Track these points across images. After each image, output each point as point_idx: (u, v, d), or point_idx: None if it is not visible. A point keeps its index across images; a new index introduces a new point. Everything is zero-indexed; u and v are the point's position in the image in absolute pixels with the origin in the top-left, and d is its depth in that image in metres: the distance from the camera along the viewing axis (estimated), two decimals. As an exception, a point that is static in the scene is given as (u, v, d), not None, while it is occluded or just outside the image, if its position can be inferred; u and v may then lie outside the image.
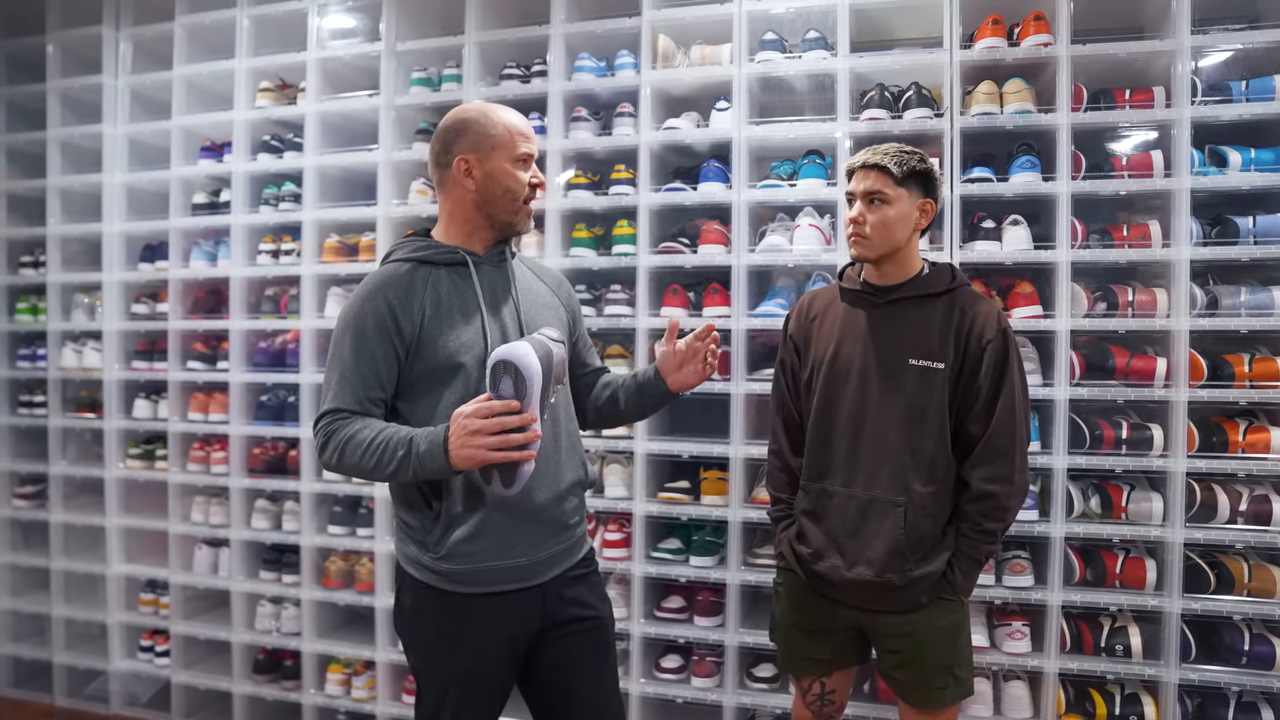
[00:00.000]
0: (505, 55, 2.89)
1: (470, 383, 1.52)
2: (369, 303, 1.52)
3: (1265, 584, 2.24)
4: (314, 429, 1.53)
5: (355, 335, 1.51)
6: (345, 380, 1.50)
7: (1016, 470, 1.76)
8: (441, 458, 1.41)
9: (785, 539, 1.94)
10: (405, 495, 1.58)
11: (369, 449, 1.45)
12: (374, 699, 2.87)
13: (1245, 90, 2.33)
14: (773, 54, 2.60)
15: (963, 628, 1.86)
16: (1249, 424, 2.31)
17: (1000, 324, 1.79)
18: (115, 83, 3.25)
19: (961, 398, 1.78)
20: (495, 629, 1.56)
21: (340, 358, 1.52)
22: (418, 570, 1.56)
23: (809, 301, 1.99)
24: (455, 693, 1.54)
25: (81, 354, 3.28)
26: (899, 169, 1.78)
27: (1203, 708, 2.31)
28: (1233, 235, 2.31)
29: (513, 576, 1.56)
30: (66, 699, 3.29)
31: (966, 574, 1.79)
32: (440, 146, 1.59)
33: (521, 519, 1.56)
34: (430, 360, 1.52)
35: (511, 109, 1.63)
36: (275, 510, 3.05)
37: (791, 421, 1.97)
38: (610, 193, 2.71)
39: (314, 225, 2.98)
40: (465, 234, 1.62)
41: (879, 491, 1.78)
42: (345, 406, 1.50)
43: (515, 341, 1.43)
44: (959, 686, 1.83)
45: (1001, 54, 2.42)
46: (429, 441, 1.42)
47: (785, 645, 1.98)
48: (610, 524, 2.68)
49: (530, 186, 1.60)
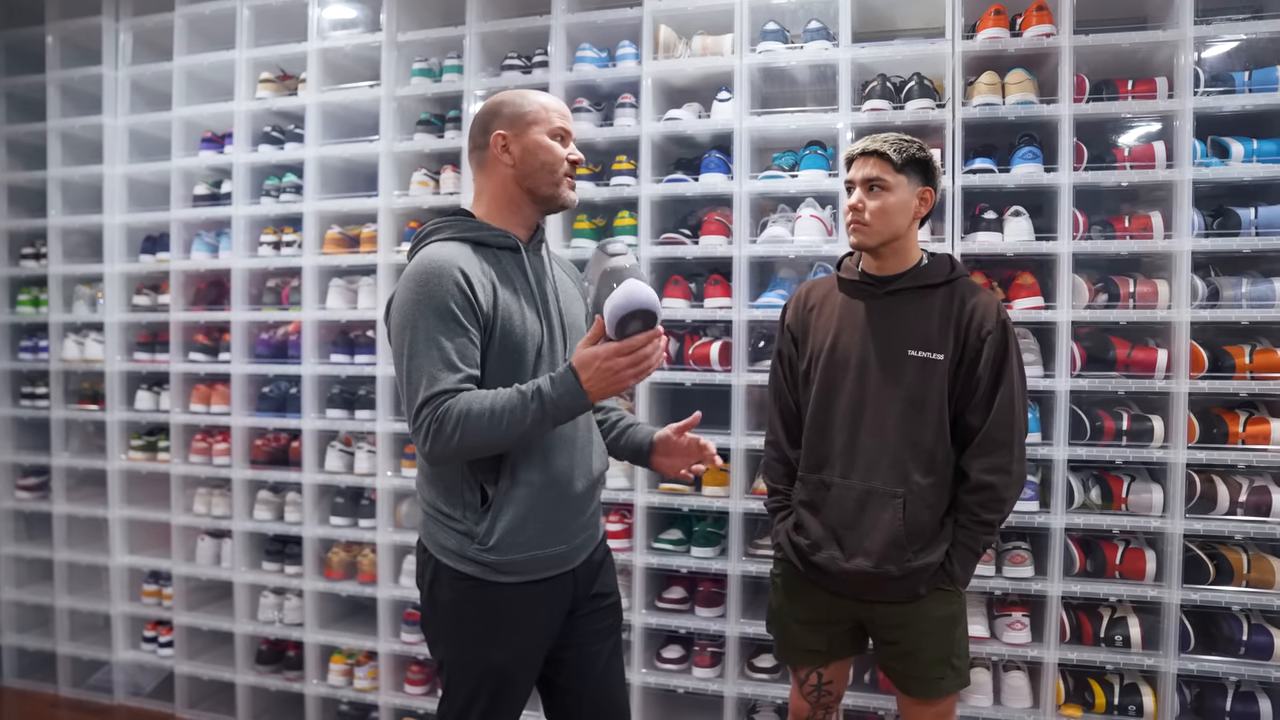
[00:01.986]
0: (506, 46, 2.88)
1: (529, 371, 1.51)
2: (444, 279, 1.43)
3: (1264, 575, 2.25)
4: (416, 421, 1.42)
5: (438, 313, 1.42)
6: (443, 362, 1.42)
7: (1015, 461, 1.76)
8: (580, 396, 1.40)
9: (783, 530, 1.94)
10: (447, 485, 1.55)
11: (496, 416, 1.39)
12: (376, 689, 2.89)
13: (1248, 81, 2.33)
14: (774, 44, 2.60)
15: (960, 618, 1.86)
16: (1249, 415, 2.31)
17: (1000, 315, 1.79)
18: (115, 74, 3.24)
19: (961, 389, 1.78)
20: (536, 617, 1.57)
21: (429, 339, 1.42)
22: (458, 562, 1.54)
23: (806, 292, 1.99)
24: (492, 684, 1.54)
25: (83, 346, 3.29)
26: (899, 156, 1.78)
27: (1201, 698, 2.32)
28: (1234, 227, 2.30)
29: (553, 564, 1.57)
30: (71, 689, 3.31)
31: (964, 565, 1.80)
32: (478, 128, 1.59)
33: (563, 506, 1.57)
34: (499, 344, 1.49)
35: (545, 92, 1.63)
36: (278, 501, 3.06)
37: (789, 412, 1.97)
38: (612, 184, 2.71)
39: (315, 216, 2.98)
40: (508, 214, 1.59)
41: (878, 482, 1.79)
42: (449, 388, 1.41)
43: (624, 287, 1.37)
44: (957, 677, 1.84)
45: (1004, 44, 2.42)
46: (561, 387, 1.40)
47: (782, 636, 1.99)
48: (612, 515, 2.68)
49: (569, 162, 1.59)
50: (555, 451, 1.54)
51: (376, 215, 2.91)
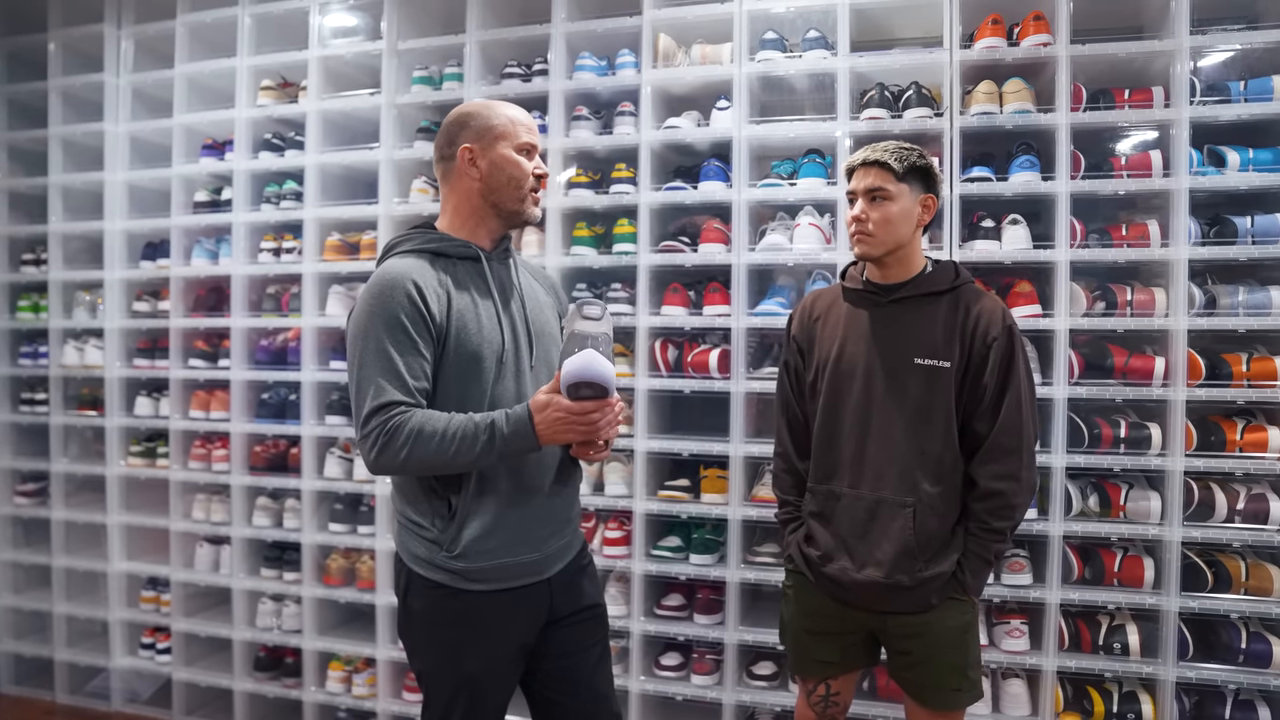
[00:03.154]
0: (506, 54, 2.89)
1: (489, 377, 1.53)
2: (397, 291, 1.46)
3: (1262, 582, 2.25)
4: (364, 429, 1.44)
5: (389, 325, 1.45)
6: (391, 372, 1.44)
7: (1024, 468, 1.75)
8: (531, 438, 1.43)
9: (793, 541, 1.93)
10: (413, 493, 1.57)
11: (446, 438, 1.42)
12: (375, 696, 2.88)
13: (1244, 90, 2.34)
14: (773, 53, 2.61)
15: (973, 628, 1.84)
16: (1247, 423, 2.32)
17: (1005, 321, 1.78)
18: (117, 80, 3.26)
19: (968, 396, 1.77)
20: (508, 626, 1.57)
21: (379, 351, 1.45)
22: (428, 570, 1.55)
23: (811, 302, 1.98)
24: (466, 694, 1.54)
25: (83, 351, 3.29)
26: (900, 165, 1.77)
27: (1200, 705, 2.31)
28: (1231, 235, 2.31)
29: (525, 572, 1.57)
30: (68, 696, 3.30)
31: (976, 574, 1.78)
32: (444, 140, 1.60)
33: (533, 514, 1.57)
34: (454, 353, 1.51)
35: (513, 104, 1.64)
36: (276, 508, 3.06)
37: (796, 423, 1.96)
38: (611, 191, 2.72)
39: (315, 223, 2.99)
40: (471, 226, 1.61)
41: (887, 492, 1.77)
42: (398, 399, 1.44)
43: (581, 355, 1.42)
44: (972, 689, 1.82)
45: (1001, 54, 2.43)
46: (514, 425, 1.43)
47: (795, 648, 1.96)
48: (610, 522, 2.69)
49: (535, 177, 1.60)
50: (524, 460, 1.54)
51: (376, 222, 2.92)
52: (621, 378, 2.63)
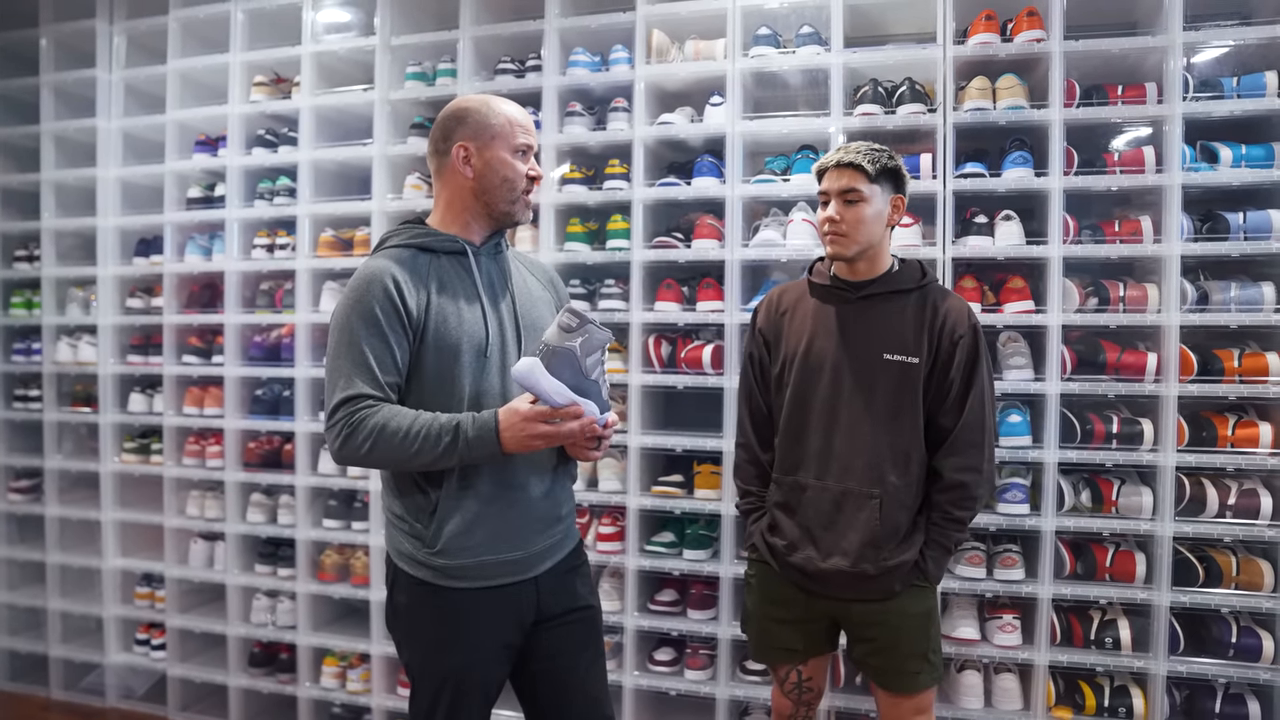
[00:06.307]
0: (500, 50, 2.89)
1: (469, 372, 1.52)
2: (374, 286, 1.48)
3: (1253, 577, 2.26)
4: (330, 419, 1.46)
5: (364, 319, 1.47)
6: (361, 365, 1.46)
7: (985, 461, 1.82)
8: (494, 445, 1.43)
9: (757, 531, 1.96)
10: (399, 488, 1.57)
11: (409, 436, 1.42)
12: (369, 692, 2.89)
13: (1237, 86, 2.34)
14: (767, 49, 2.61)
15: (934, 614, 1.90)
16: (1238, 419, 2.33)
17: (971, 320, 1.83)
18: (109, 76, 3.25)
19: (934, 391, 1.82)
20: (491, 624, 1.56)
21: (351, 343, 1.46)
22: (412, 566, 1.55)
23: (778, 296, 2.01)
24: (450, 689, 1.54)
25: (76, 348, 3.29)
26: (872, 166, 1.80)
27: (1190, 699, 2.33)
28: (1223, 231, 2.32)
29: (508, 570, 1.56)
30: (63, 692, 3.30)
31: (937, 562, 1.84)
32: (440, 134, 1.59)
33: (516, 512, 1.56)
34: (433, 346, 1.51)
35: (512, 101, 1.63)
36: (270, 504, 3.06)
37: (759, 415, 1.99)
38: (604, 187, 2.72)
39: (309, 219, 2.98)
40: (462, 223, 1.61)
41: (853, 483, 1.81)
42: (366, 392, 1.45)
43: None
44: (933, 671, 1.87)
45: (994, 49, 2.43)
46: (478, 428, 1.43)
47: (758, 636, 2.00)
48: (604, 518, 2.69)
49: (528, 179, 1.60)
50: (509, 457, 1.52)
51: (370, 218, 2.92)
52: (615, 374, 2.63)
